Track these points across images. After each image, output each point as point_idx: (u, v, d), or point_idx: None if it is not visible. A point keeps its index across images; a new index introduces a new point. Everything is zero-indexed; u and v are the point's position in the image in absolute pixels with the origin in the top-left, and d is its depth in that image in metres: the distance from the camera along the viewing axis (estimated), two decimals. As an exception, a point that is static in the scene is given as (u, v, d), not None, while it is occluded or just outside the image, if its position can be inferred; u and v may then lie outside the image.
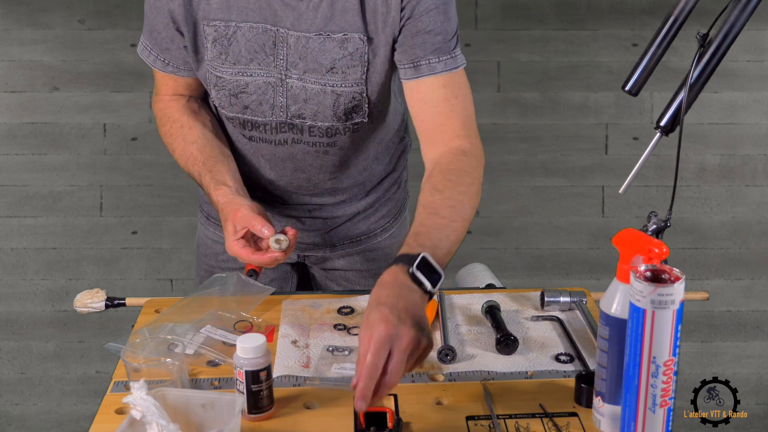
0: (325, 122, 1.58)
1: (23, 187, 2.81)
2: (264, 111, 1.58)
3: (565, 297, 1.53)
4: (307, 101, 1.55)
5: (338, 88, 1.53)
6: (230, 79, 1.55)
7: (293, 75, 1.54)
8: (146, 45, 1.61)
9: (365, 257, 1.82)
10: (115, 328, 2.81)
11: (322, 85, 1.53)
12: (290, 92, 1.55)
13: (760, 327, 2.92)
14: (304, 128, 1.59)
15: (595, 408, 1.21)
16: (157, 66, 1.62)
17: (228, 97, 1.57)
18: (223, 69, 1.54)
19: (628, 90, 1.47)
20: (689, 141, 2.80)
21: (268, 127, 1.60)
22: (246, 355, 1.21)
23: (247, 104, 1.57)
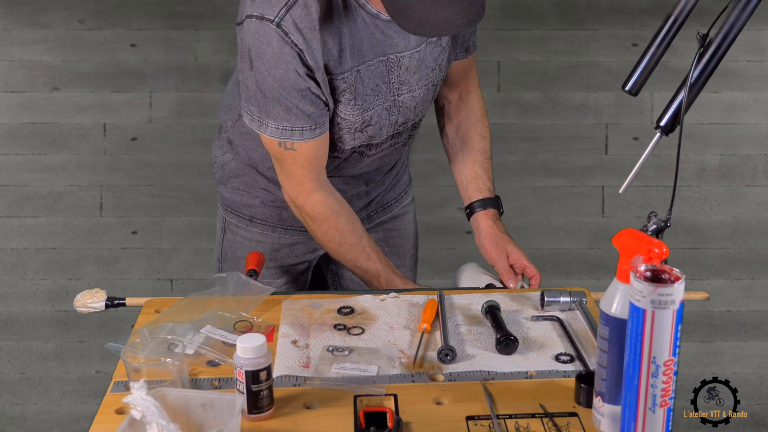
0: (421, 116, 1.72)
1: (23, 187, 2.81)
2: (383, 134, 1.67)
3: (565, 297, 1.53)
4: (417, 106, 1.68)
5: (437, 80, 1.68)
6: (356, 119, 1.61)
7: (404, 91, 1.64)
8: (284, 127, 1.56)
9: (393, 222, 1.95)
10: (115, 328, 2.81)
11: (426, 86, 1.66)
12: (401, 108, 1.65)
13: (760, 327, 2.92)
14: (404, 131, 1.72)
15: (595, 408, 1.21)
16: (306, 136, 1.56)
17: (352, 133, 1.63)
18: (350, 112, 1.60)
19: (628, 90, 1.47)
20: (689, 141, 2.80)
21: (381, 146, 1.71)
22: (246, 355, 1.21)
23: (372, 134, 1.66)
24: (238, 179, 1.80)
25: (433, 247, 2.86)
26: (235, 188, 1.81)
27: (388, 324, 1.50)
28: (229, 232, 1.86)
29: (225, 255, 1.87)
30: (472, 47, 1.79)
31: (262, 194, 1.80)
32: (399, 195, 1.95)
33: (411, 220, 2.02)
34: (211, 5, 2.75)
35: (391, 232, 1.95)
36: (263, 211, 1.80)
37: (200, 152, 2.71)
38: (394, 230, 1.95)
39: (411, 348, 1.42)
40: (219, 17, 2.75)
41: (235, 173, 1.80)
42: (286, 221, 1.80)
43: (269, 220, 1.81)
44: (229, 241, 1.86)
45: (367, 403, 1.27)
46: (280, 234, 1.81)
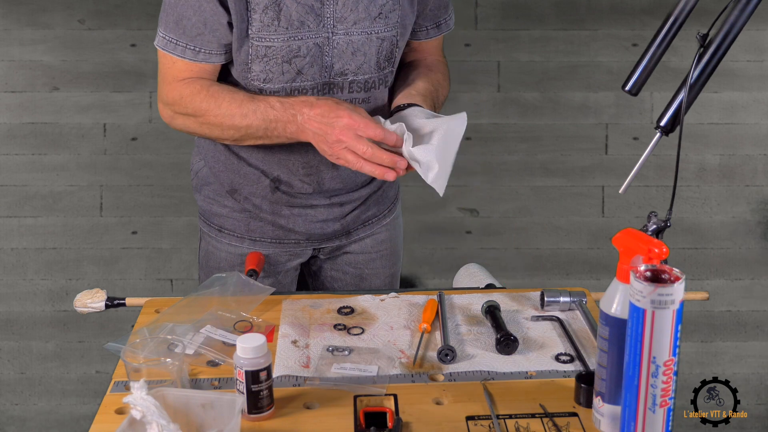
0: (364, 75, 1.65)
1: (23, 187, 2.81)
2: (314, 74, 1.61)
3: (565, 297, 1.53)
4: (354, 54, 1.61)
5: (382, 33, 1.62)
6: (281, 46, 1.56)
7: (339, 31, 1.58)
8: (170, 38, 1.58)
9: (374, 240, 1.88)
10: (115, 328, 2.81)
11: (368, 34, 1.61)
12: (336, 50, 1.60)
13: (760, 327, 2.92)
14: (345, 85, 1.65)
15: (595, 408, 1.21)
16: (187, 56, 1.58)
17: (280, 64, 1.58)
18: (274, 37, 1.56)
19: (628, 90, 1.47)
20: (689, 141, 2.80)
21: (310, 93, 1.63)
22: (246, 355, 1.21)
23: (300, 68, 1.60)
24: (208, 187, 1.80)
25: (433, 247, 2.86)
26: (206, 196, 1.81)
27: (388, 324, 1.50)
28: (203, 241, 1.86)
29: (201, 264, 1.87)
30: (444, 26, 1.77)
31: (229, 203, 1.78)
32: (381, 212, 1.88)
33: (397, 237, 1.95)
34: (211, 5, 2.75)
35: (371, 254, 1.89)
36: (231, 222, 1.78)
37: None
38: (375, 252, 1.89)
39: (411, 348, 1.42)
40: (219, 17, 2.74)
41: (206, 180, 1.80)
42: (254, 232, 1.78)
43: (237, 230, 1.79)
44: (203, 250, 1.86)
45: (367, 403, 1.27)
46: (249, 245, 1.79)
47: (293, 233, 1.79)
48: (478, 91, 2.80)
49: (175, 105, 1.63)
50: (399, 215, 1.95)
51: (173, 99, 1.62)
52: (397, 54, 1.68)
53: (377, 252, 1.88)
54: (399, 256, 1.96)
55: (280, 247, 1.80)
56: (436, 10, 1.73)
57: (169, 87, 1.63)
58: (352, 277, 1.88)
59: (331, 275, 1.89)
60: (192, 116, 1.61)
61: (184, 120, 1.63)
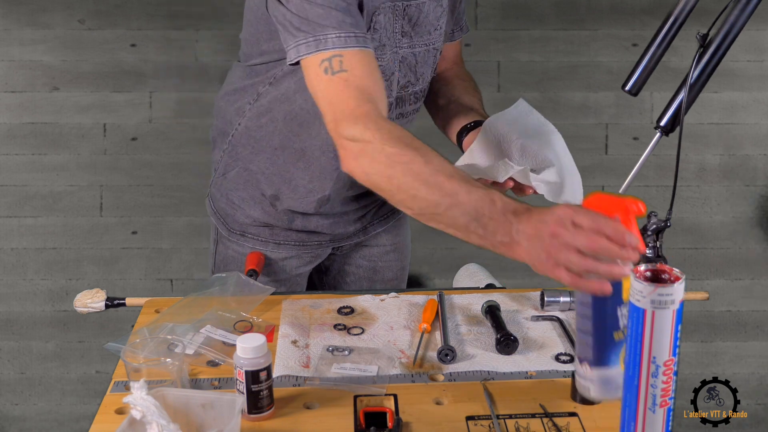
0: (423, 84, 1.65)
1: (23, 187, 2.81)
2: (393, 89, 1.60)
3: (565, 297, 1.53)
4: (417, 66, 1.62)
5: (436, 44, 1.63)
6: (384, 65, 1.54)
7: (404, 45, 1.58)
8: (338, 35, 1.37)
9: (389, 233, 1.89)
10: (115, 328, 2.81)
11: (427, 46, 1.61)
12: (402, 63, 1.60)
13: (760, 327, 2.92)
14: (407, 98, 1.64)
15: (583, 376, 1.17)
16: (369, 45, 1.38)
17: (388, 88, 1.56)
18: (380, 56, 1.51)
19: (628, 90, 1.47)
20: (689, 141, 2.80)
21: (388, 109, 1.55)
22: (246, 355, 1.21)
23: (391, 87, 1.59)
24: (236, 192, 1.75)
25: (434, 247, 2.86)
26: (231, 201, 1.76)
27: (388, 324, 1.50)
28: (221, 245, 1.82)
29: (218, 268, 1.83)
30: (465, 27, 1.80)
31: (257, 212, 1.74)
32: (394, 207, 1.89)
33: (407, 231, 1.98)
34: (211, 5, 2.75)
35: (386, 247, 1.90)
36: (256, 229, 1.76)
37: (200, 152, 2.71)
38: (390, 244, 1.90)
39: (411, 348, 1.42)
40: (219, 17, 2.74)
41: (235, 185, 1.74)
42: (278, 236, 1.77)
43: (261, 235, 1.77)
44: (221, 254, 1.82)
45: (367, 403, 1.27)
46: (272, 249, 1.77)
47: (317, 235, 1.78)
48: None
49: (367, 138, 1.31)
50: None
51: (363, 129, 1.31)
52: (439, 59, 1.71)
53: (392, 245, 1.90)
54: (409, 249, 1.98)
55: (303, 249, 1.79)
56: (461, 13, 1.76)
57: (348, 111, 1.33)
58: (366, 270, 1.89)
59: (344, 270, 1.90)
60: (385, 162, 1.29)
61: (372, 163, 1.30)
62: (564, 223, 1.15)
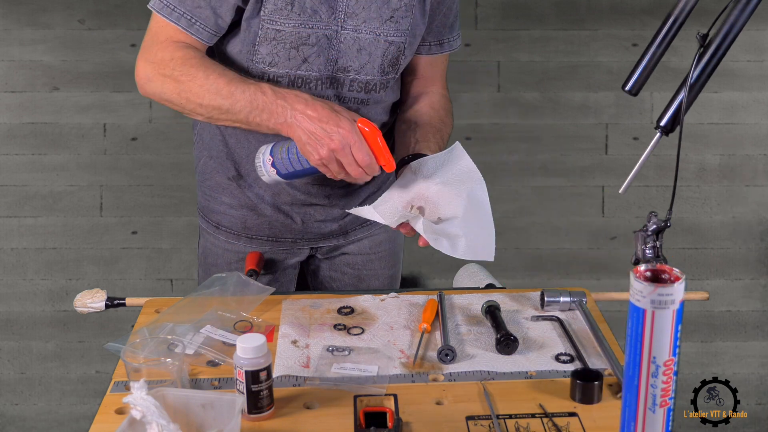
0: (367, 75, 1.64)
1: (23, 187, 2.81)
2: (319, 65, 1.61)
3: (565, 297, 1.53)
4: (360, 52, 1.62)
5: (390, 37, 1.63)
6: (291, 32, 1.56)
7: (348, 26, 1.59)
8: (167, 2, 1.55)
9: (372, 241, 1.88)
10: (115, 328, 2.81)
11: (376, 35, 1.61)
12: (342, 44, 1.60)
13: (760, 327, 2.92)
14: (345, 82, 1.65)
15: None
16: (182, 23, 1.55)
17: (287, 50, 1.58)
18: (286, 21, 1.56)
19: (628, 90, 1.47)
20: (689, 141, 2.80)
21: (313, 84, 1.63)
22: (246, 355, 1.21)
23: (307, 56, 1.60)
24: (207, 182, 1.79)
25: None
26: (204, 192, 1.81)
27: (388, 324, 1.50)
28: (202, 238, 1.86)
29: (200, 260, 1.87)
30: (447, 45, 1.76)
31: (228, 198, 1.77)
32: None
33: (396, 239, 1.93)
34: (211, 5, 2.75)
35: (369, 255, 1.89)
36: (228, 219, 1.78)
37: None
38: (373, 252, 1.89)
39: (411, 348, 1.42)
40: (219, 17, 2.74)
41: (207, 174, 1.79)
42: (250, 230, 1.78)
43: (234, 227, 1.79)
44: (202, 246, 1.86)
45: (367, 403, 1.27)
46: (245, 242, 1.79)
47: (290, 231, 1.79)
48: (478, 91, 2.79)
49: (162, 65, 1.55)
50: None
51: (162, 58, 1.56)
52: (403, 61, 1.68)
53: (375, 253, 1.88)
54: (399, 258, 1.96)
55: (276, 245, 1.80)
56: (441, 28, 1.73)
57: (161, 46, 1.56)
58: (351, 277, 1.88)
59: (329, 275, 1.89)
60: (175, 81, 1.54)
61: (164, 83, 1.55)
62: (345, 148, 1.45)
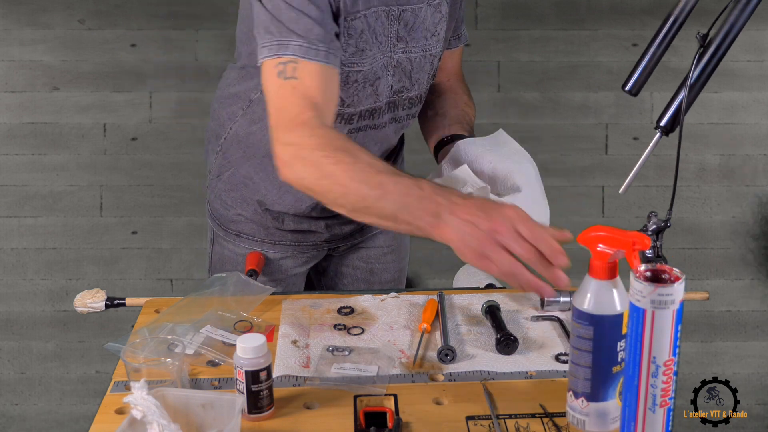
0: (419, 90, 1.64)
1: (23, 187, 2.81)
2: (382, 93, 1.59)
3: (565, 297, 1.53)
4: (412, 71, 1.61)
5: (433, 50, 1.62)
6: (366, 70, 1.54)
7: (399, 49, 1.57)
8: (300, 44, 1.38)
9: (386, 235, 1.89)
10: (115, 328, 2.81)
11: (423, 52, 1.60)
12: (397, 68, 1.59)
13: (760, 327, 2.92)
14: (400, 103, 1.64)
15: (576, 410, 1.19)
16: (330, 61, 1.39)
17: (364, 87, 1.55)
18: (359, 61, 1.52)
19: (628, 90, 1.47)
20: (689, 141, 2.80)
21: (377, 114, 1.61)
22: (246, 355, 1.21)
23: (379, 90, 1.58)
24: (228, 194, 1.76)
25: (433, 247, 2.84)
26: (224, 202, 1.78)
27: (388, 324, 1.50)
28: (217, 244, 1.83)
29: (214, 267, 1.85)
30: (463, 37, 1.78)
31: (249, 213, 1.76)
32: None
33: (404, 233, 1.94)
34: (211, 5, 2.75)
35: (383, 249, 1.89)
36: (250, 227, 1.77)
37: (200, 152, 2.69)
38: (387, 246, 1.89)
39: (411, 348, 1.42)
40: (219, 17, 2.75)
41: (228, 186, 1.76)
42: (273, 236, 1.78)
43: (257, 236, 1.78)
44: (217, 254, 1.83)
45: (367, 403, 1.27)
46: (268, 248, 1.78)
47: (312, 235, 1.79)
48: (478, 91, 2.79)
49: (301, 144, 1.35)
50: None
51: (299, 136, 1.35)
52: (438, 67, 1.69)
53: (389, 246, 1.90)
54: (407, 250, 1.98)
55: (298, 249, 1.80)
56: (459, 21, 1.75)
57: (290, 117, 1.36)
58: (363, 272, 1.89)
59: (341, 271, 1.90)
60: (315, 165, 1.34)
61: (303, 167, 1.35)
62: (507, 224, 1.22)
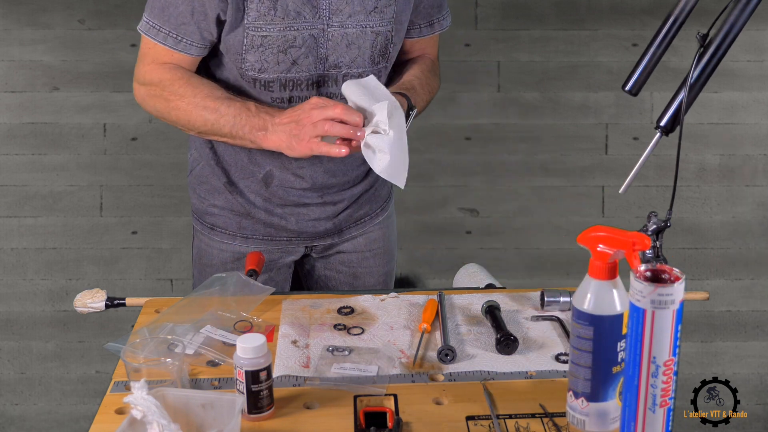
0: (358, 68, 1.65)
1: (23, 187, 2.81)
2: (308, 65, 1.62)
3: (565, 297, 1.53)
4: (349, 46, 1.62)
5: (376, 27, 1.63)
6: (277, 36, 1.58)
7: (335, 23, 1.60)
8: (153, 23, 1.62)
9: (367, 238, 1.88)
10: (115, 328, 2.81)
11: (362, 27, 1.62)
12: (330, 42, 1.61)
13: (760, 327, 2.92)
14: (338, 78, 1.65)
15: (576, 410, 1.19)
16: (168, 43, 1.62)
17: (276, 54, 1.59)
18: (270, 27, 1.57)
19: (628, 90, 1.47)
20: (689, 141, 2.80)
21: (304, 84, 1.64)
22: (246, 355, 1.21)
23: (295, 58, 1.61)
24: (202, 186, 1.81)
25: (433, 247, 2.86)
26: (199, 195, 1.82)
27: (388, 324, 1.50)
28: (196, 239, 1.87)
29: (195, 261, 1.88)
30: (437, 25, 1.77)
31: (221, 201, 1.79)
32: (374, 211, 1.89)
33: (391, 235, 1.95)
34: (211, 5, 2.75)
35: (364, 253, 1.90)
36: (223, 220, 1.80)
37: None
38: (368, 250, 1.90)
39: (411, 348, 1.42)
40: (219, 17, 2.74)
41: (201, 178, 1.81)
42: (245, 230, 1.79)
43: (229, 228, 1.80)
44: (197, 247, 1.87)
45: (367, 403, 1.27)
46: (240, 242, 1.80)
47: (285, 231, 1.80)
48: (478, 91, 2.80)
49: (152, 87, 1.66)
50: (392, 214, 1.95)
51: (151, 80, 1.66)
52: (392, 50, 1.69)
53: (370, 251, 1.89)
54: (393, 254, 1.96)
55: (271, 244, 1.81)
56: (430, 9, 1.74)
57: (148, 68, 1.66)
58: (346, 275, 1.89)
59: (324, 274, 1.90)
60: (165, 100, 1.64)
61: (156, 102, 1.66)
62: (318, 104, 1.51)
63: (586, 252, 1.16)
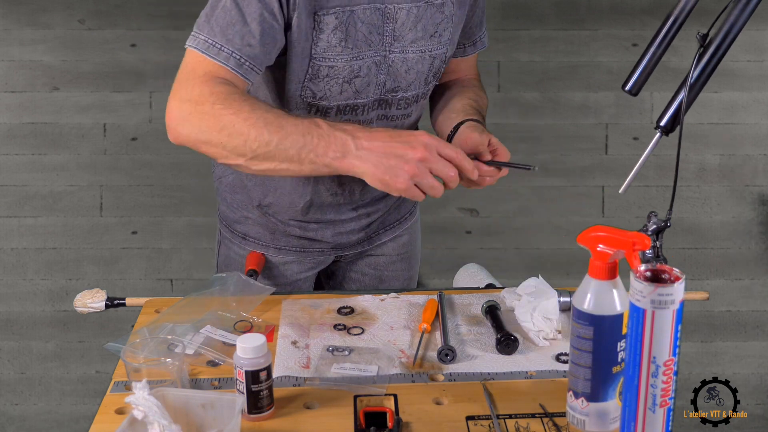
0: (414, 91, 1.62)
1: (23, 187, 2.81)
2: (368, 92, 1.58)
3: (565, 297, 1.53)
4: (408, 72, 1.59)
5: (434, 51, 1.60)
6: (344, 66, 1.52)
7: (396, 49, 1.56)
8: (214, 42, 1.42)
9: (397, 243, 1.89)
10: (115, 328, 2.81)
11: (422, 53, 1.58)
12: (391, 68, 1.57)
13: (760, 327, 2.92)
14: (393, 102, 1.62)
15: (576, 410, 1.19)
16: (231, 64, 1.42)
17: (340, 84, 1.53)
18: (339, 57, 1.51)
19: (628, 90, 1.47)
20: (689, 141, 2.80)
21: (360, 110, 1.60)
22: (246, 355, 1.21)
23: (359, 89, 1.56)
24: (232, 196, 1.78)
25: (433, 247, 2.86)
26: (229, 205, 1.79)
27: (388, 324, 1.50)
28: (223, 246, 1.84)
29: (220, 269, 1.86)
30: (480, 43, 1.77)
31: (254, 215, 1.77)
32: (403, 216, 1.89)
33: (416, 239, 1.96)
34: (211, 5, 2.75)
35: (392, 257, 1.90)
36: (256, 230, 1.78)
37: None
38: (396, 254, 1.90)
39: (411, 348, 1.42)
40: (219, 17, 2.74)
41: (231, 189, 1.77)
42: (279, 241, 1.78)
43: (262, 239, 1.78)
44: (223, 255, 1.84)
45: (367, 403, 1.27)
46: (273, 253, 1.79)
47: (319, 243, 1.79)
48: (478, 91, 2.80)
49: (200, 104, 1.39)
50: (418, 218, 1.96)
51: (200, 94, 1.39)
52: (443, 69, 1.67)
53: (398, 255, 1.89)
54: (418, 258, 1.97)
55: (304, 255, 1.80)
56: (474, 28, 1.73)
57: (197, 81, 1.40)
58: (372, 278, 1.88)
59: (349, 276, 1.89)
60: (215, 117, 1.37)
61: (202, 121, 1.38)
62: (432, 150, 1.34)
63: (586, 252, 1.16)
